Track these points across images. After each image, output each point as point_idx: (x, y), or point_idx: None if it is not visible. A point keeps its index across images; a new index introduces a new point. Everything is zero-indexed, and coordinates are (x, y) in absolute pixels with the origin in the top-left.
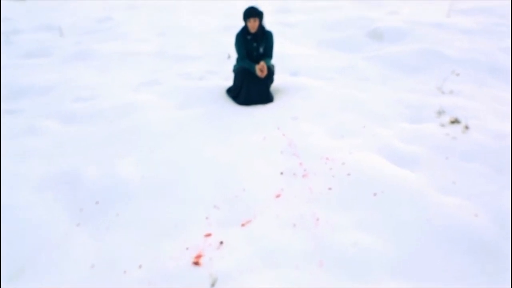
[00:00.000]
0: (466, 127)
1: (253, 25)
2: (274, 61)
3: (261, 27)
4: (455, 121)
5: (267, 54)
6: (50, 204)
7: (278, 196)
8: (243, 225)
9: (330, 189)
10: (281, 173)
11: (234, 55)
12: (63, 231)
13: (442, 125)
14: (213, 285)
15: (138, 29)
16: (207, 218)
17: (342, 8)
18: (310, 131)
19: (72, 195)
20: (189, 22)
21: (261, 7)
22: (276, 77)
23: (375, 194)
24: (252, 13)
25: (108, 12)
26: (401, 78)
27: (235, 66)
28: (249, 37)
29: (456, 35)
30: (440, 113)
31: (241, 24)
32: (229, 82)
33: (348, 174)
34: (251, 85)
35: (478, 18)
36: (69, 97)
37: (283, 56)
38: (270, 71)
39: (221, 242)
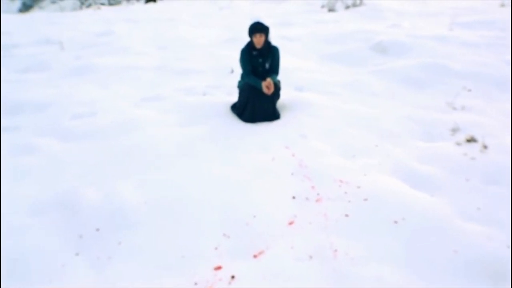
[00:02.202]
0: (485, 147)
1: (259, 40)
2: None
3: (267, 43)
4: (471, 140)
5: (273, 70)
6: (47, 230)
7: (291, 223)
8: (255, 256)
9: (346, 215)
10: (293, 197)
11: (237, 69)
12: (61, 261)
13: (458, 144)
14: None
15: (139, 42)
16: (216, 248)
17: (342, 21)
18: (320, 150)
19: (70, 220)
20: (190, 35)
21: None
22: (281, 92)
23: (395, 222)
24: (258, 28)
25: (109, 25)
26: (409, 93)
27: (240, 82)
28: (254, 52)
29: (461, 48)
30: (455, 130)
31: (244, 37)
32: (233, 97)
33: (365, 199)
34: (257, 102)
35: (480, 32)
36: (68, 113)
37: (286, 71)
38: (277, 88)
39: (233, 277)
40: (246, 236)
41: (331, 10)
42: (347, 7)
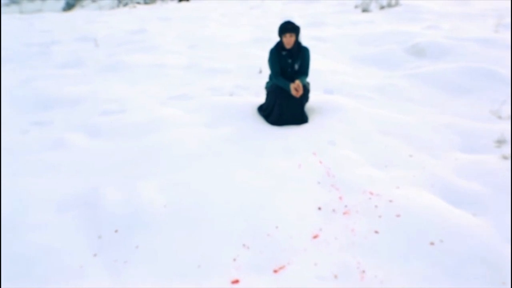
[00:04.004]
0: None
1: (289, 40)
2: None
3: (297, 43)
4: None
5: (303, 71)
6: (68, 227)
7: (315, 236)
8: (275, 271)
9: (376, 232)
10: (319, 208)
11: (265, 70)
12: (79, 261)
13: (505, 158)
14: None
15: (170, 41)
16: (234, 259)
17: (376, 22)
18: (350, 158)
19: (91, 219)
20: (220, 34)
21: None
22: (310, 95)
23: (432, 244)
24: (289, 28)
25: (142, 23)
26: (448, 99)
27: (267, 83)
28: (284, 53)
29: (507, 52)
30: (500, 142)
31: (274, 37)
32: (260, 98)
33: (398, 215)
34: (284, 104)
35: None
36: (98, 110)
37: (316, 72)
38: (306, 90)
39: None
40: (267, 249)
41: (365, 10)
42: (382, 7)
